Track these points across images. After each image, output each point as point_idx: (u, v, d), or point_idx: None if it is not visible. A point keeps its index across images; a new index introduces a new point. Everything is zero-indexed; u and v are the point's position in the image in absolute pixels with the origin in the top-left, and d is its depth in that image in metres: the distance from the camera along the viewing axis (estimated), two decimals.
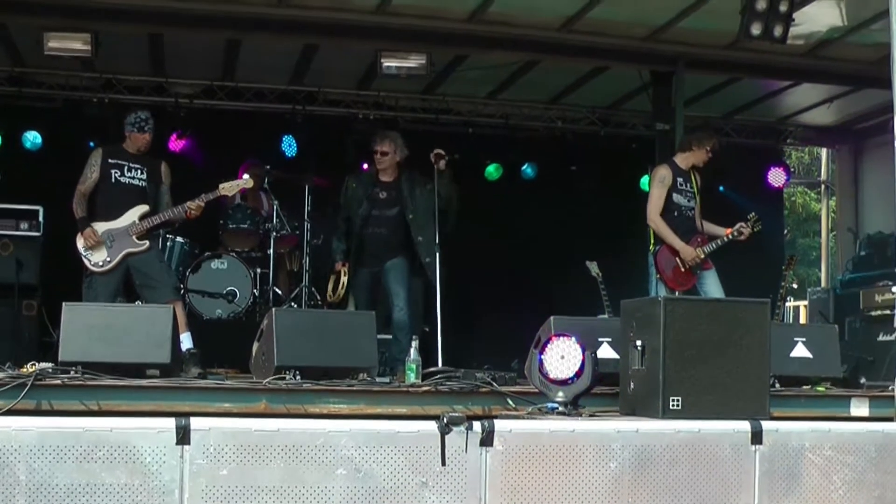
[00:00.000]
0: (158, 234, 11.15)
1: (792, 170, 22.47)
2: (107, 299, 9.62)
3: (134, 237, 9.68)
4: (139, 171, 9.85)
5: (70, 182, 10.23)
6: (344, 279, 10.15)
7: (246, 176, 10.05)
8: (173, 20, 10.98)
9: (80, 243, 9.75)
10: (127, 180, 9.86)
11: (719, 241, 10.25)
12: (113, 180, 9.82)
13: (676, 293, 10.10)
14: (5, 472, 5.19)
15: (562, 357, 6.88)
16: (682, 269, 10.20)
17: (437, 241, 9.99)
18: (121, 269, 9.70)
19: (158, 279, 9.77)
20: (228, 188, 9.90)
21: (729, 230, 10.29)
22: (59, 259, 11.53)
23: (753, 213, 10.33)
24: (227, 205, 12.53)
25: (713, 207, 10.96)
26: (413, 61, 11.64)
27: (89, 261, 9.69)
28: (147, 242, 9.74)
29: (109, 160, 9.86)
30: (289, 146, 13.75)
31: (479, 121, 14.56)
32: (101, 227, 9.67)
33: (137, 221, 9.70)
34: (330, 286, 10.33)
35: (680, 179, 10.34)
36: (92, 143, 11.85)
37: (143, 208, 9.74)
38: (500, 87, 13.84)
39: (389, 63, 11.61)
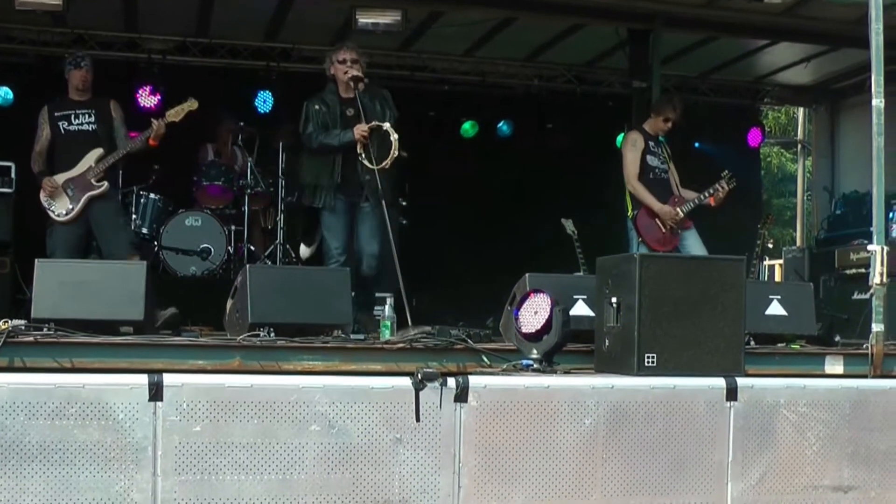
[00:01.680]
0: (131, 190, 11.10)
1: (768, 129, 22.50)
2: (70, 249, 9.71)
3: (93, 180, 9.71)
4: (87, 116, 9.89)
5: None
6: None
7: (191, 98, 9.91)
8: None
9: (42, 196, 9.84)
10: (76, 128, 9.91)
11: (696, 200, 10.28)
12: (62, 131, 9.90)
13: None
14: None
15: (535, 313, 6.89)
16: (663, 231, 10.24)
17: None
18: (84, 218, 9.75)
19: (113, 232, 9.84)
20: (174, 114, 9.81)
21: (706, 193, 10.31)
22: (32, 216, 11.42)
23: (727, 171, 10.36)
24: (201, 161, 12.48)
25: (690, 166, 10.98)
26: (388, 17, 11.55)
27: (53, 212, 9.78)
28: (105, 184, 9.74)
29: (56, 113, 9.95)
30: (263, 102, 13.65)
31: (454, 78, 14.48)
32: (60, 178, 9.79)
33: (94, 165, 9.74)
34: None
35: (651, 143, 10.42)
36: None
37: (98, 151, 9.78)
38: (477, 45, 13.75)
39: (364, 19, 11.52)
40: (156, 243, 11.74)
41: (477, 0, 11.56)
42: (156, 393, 5.38)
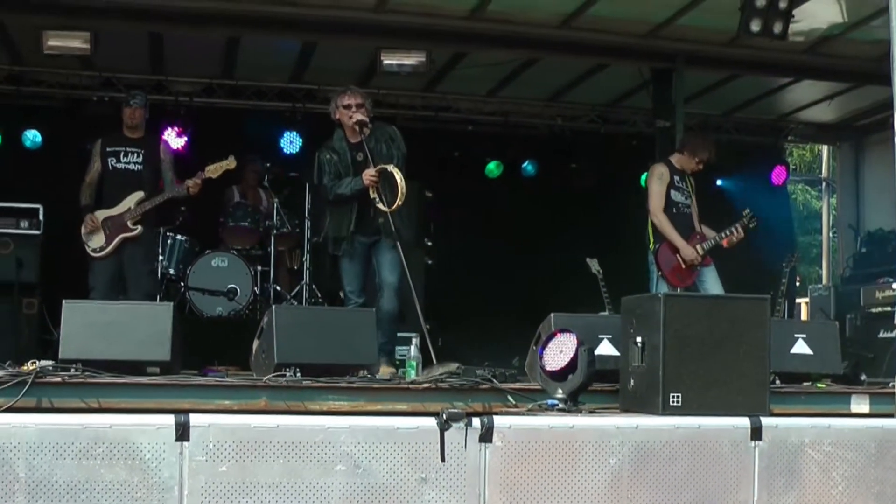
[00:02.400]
0: (159, 231, 11.17)
1: (793, 167, 22.47)
2: (105, 284, 10.03)
3: (129, 222, 9.95)
4: (135, 155, 10.16)
5: (70, 180, 10.34)
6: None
7: (230, 157, 10.07)
8: (173, 18, 10.98)
9: (82, 230, 10.13)
10: (123, 166, 10.18)
11: (715, 240, 10.31)
12: (111, 168, 10.17)
13: (678, 290, 10.15)
14: (5, 469, 5.20)
15: (560, 352, 6.90)
16: (683, 266, 10.24)
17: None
18: (117, 256, 9.95)
19: (136, 283, 10.06)
20: (213, 170, 10.02)
21: (723, 234, 10.33)
22: (60, 257, 11.59)
23: (748, 211, 10.37)
24: (228, 202, 12.56)
25: (712, 203, 11.00)
26: (413, 59, 11.62)
27: (88, 246, 10.09)
28: (140, 228, 9.97)
29: (107, 148, 10.23)
30: (290, 143, 13.74)
31: (479, 118, 14.55)
32: (101, 214, 10.08)
33: (133, 207, 9.95)
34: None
35: (677, 177, 10.43)
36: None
37: (139, 195, 10.05)
38: (500, 85, 13.82)
39: (389, 60, 11.60)
40: (182, 284, 11.80)
41: (500, 41, 11.60)
42: (182, 433, 5.39)
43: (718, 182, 14.56)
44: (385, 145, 9.26)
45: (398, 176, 8.91)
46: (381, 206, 9.00)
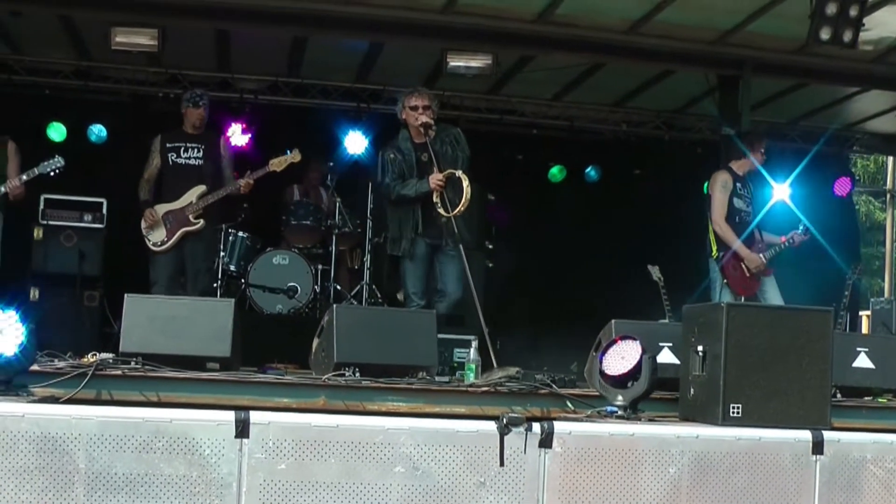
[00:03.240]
0: (220, 228, 11.21)
1: (857, 178, 22.26)
2: (167, 278, 10.13)
3: (191, 216, 10.03)
4: (196, 150, 10.27)
5: (134, 175, 10.42)
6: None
7: (295, 150, 10.11)
8: (240, 16, 11.01)
9: (142, 224, 10.22)
10: (184, 161, 10.29)
11: (777, 248, 10.27)
12: (171, 163, 10.27)
13: (742, 299, 10.09)
14: (65, 460, 5.25)
15: (622, 358, 6.86)
16: (747, 275, 10.20)
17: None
18: (179, 250, 10.03)
19: (191, 278, 10.06)
20: (277, 163, 10.09)
21: (784, 238, 10.34)
22: (122, 251, 11.69)
23: (802, 225, 10.36)
24: (290, 201, 12.61)
25: (774, 211, 10.93)
26: (479, 61, 11.60)
27: (149, 240, 10.17)
28: (202, 222, 10.04)
29: (167, 144, 10.35)
30: (353, 143, 13.75)
31: (543, 122, 14.52)
32: (162, 208, 10.18)
33: (195, 201, 10.03)
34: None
35: (739, 185, 10.41)
36: None
37: (201, 188, 10.16)
38: (566, 89, 13.79)
39: (455, 62, 11.58)
40: (243, 281, 11.85)
41: (566, 45, 11.54)
42: (242, 430, 5.41)
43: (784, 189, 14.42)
44: (450, 147, 9.29)
45: (465, 181, 8.95)
46: (442, 211, 9.04)
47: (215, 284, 11.44)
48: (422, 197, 9.18)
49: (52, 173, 9.82)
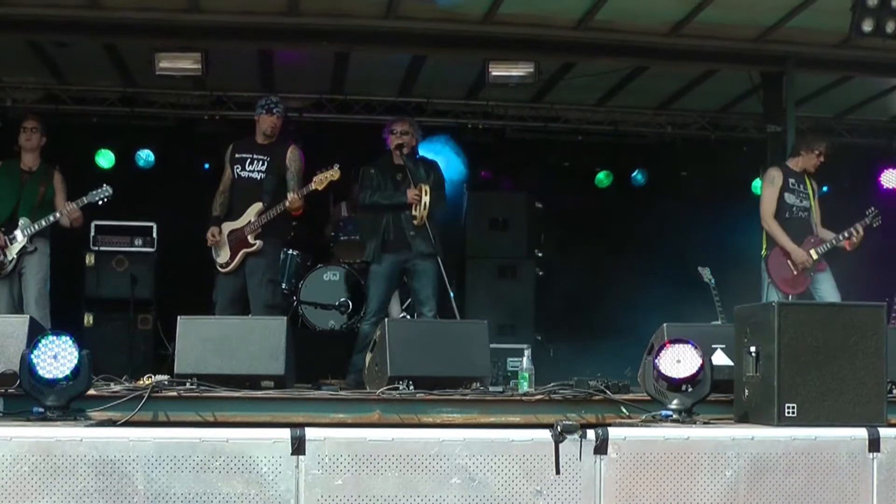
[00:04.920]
0: (280, 243, 11.03)
1: None
2: (227, 300, 9.97)
3: (249, 237, 9.87)
4: (260, 163, 10.03)
5: (182, 198, 10.49)
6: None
7: (335, 167, 10.08)
8: (282, 36, 11.10)
9: (208, 241, 10.12)
10: (247, 174, 10.08)
11: (833, 242, 10.17)
12: (237, 176, 10.09)
13: (789, 297, 10.02)
14: (124, 482, 5.29)
15: (678, 361, 6.84)
16: (794, 273, 10.13)
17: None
18: (241, 271, 9.89)
19: (255, 294, 9.95)
20: (319, 181, 9.92)
21: (847, 239, 10.20)
22: (173, 274, 11.81)
23: (872, 208, 10.25)
24: (339, 217, 12.65)
25: (826, 206, 10.85)
26: (521, 69, 11.62)
27: (217, 261, 10.01)
28: (259, 242, 9.86)
29: (236, 155, 10.16)
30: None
31: (588, 128, 14.49)
32: (227, 227, 10.02)
33: (253, 220, 9.86)
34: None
35: (792, 180, 10.34)
36: (207, 166, 12.22)
37: (258, 206, 9.89)
38: (609, 94, 13.77)
39: (497, 72, 11.60)
40: (294, 298, 11.91)
41: (608, 50, 11.53)
42: (298, 447, 5.44)
43: (824, 189, 14.30)
44: (424, 170, 10.13)
45: (426, 198, 9.87)
46: (415, 222, 9.93)
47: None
48: (394, 207, 10.01)
49: (100, 202, 9.90)
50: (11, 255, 9.68)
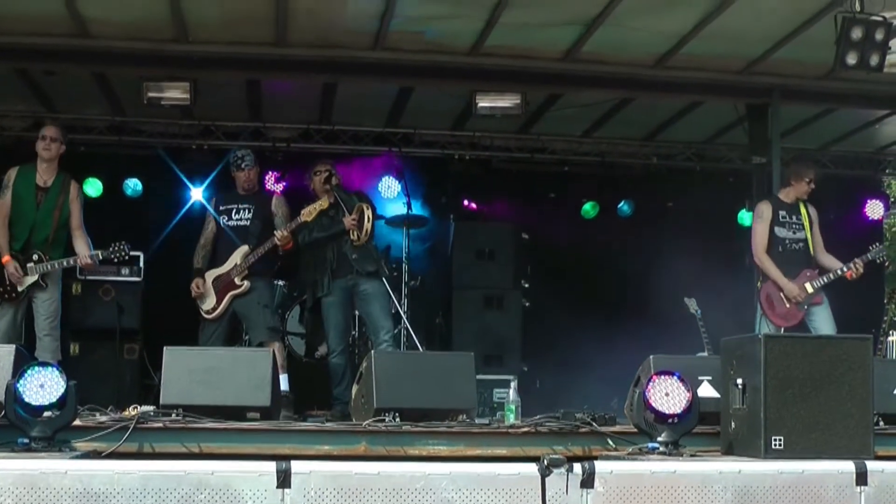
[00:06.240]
0: (271, 281, 11.09)
1: (892, 199, 22.11)
2: (212, 345, 9.97)
3: (236, 279, 10.00)
4: (246, 211, 10.27)
5: (171, 228, 10.48)
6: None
7: (324, 197, 10.17)
8: (270, 66, 11.12)
9: (192, 292, 10.22)
10: (234, 223, 10.32)
11: (831, 275, 10.19)
12: (223, 225, 10.29)
13: (782, 330, 10.03)
14: None
15: (666, 395, 6.85)
16: (787, 306, 10.14)
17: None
18: (228, 314, 10.01)
19: (254, 320, 10.03)
20: (307, 213, 10.06)
21: (847, 269, 10.21)
22: (160, 303, 11.79)
23: (878, 244, 10.31)
24: None
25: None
26: (508, 101, 11.64)
27: (202, 308, 10.11)
28: (247, 283, 10.01)
29: (220, 207, 10.41)
30: (387, 188, 13.81)
31: (574, 159, 14.49)
32: (211, 274, 10.15)
33: (239, 262, 9.98)
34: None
35: (783, 213, 10.36)
36: (190, 187, 12.21)
37: (244, 249, 10.07)
38: (595, 125, 13.80)
39: (484, 103, 11.62)
40: (280, 329, 11.89)
41: (594, 82, 11.57)
42: (284, 480, 5.42)
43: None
44: (356, 198, 10.44)
45: (368, 212, 10.24)
46: (353, 238, 10.19)
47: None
48: (334, 236, 10.24)
49: (115, 259, 9.94)
50: (23, 287, 9.63)
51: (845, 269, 10.19)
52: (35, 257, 9.62)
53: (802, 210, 10.52)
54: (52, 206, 9.81)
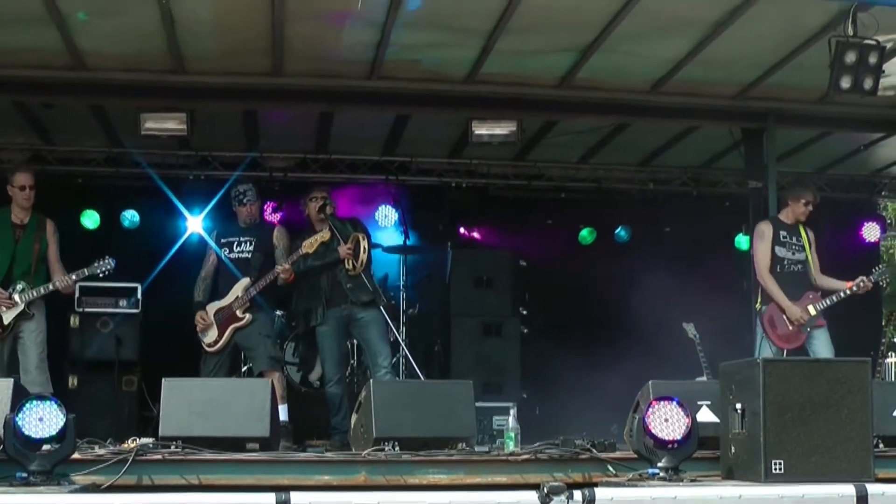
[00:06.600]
0: (273, 312, 11.10)
1: (889, 221, 22.12)
2: (214, 376, 10.01)
3: (237, 312, 10.03)
4: (247, 244, 10.32)
5: (168, 259, 10.49)
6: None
7: (325, 229, 10.19)
8: (266, 96, 11.14)
9: (196, 326, 10.26)
10: (236, 255, 10.36)
11: (834, 297, 10.21)
12: (224, 258, 10.32)
13: (784, 352, 10.03)
14: None
15: (665, 420, 6.84)
16: (790, 328, 10.14)
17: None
18: (230, 346, 10.03)
19: (256, 350, 10.07)
20: (308, 245, 10.10)
21: (850, 283, 10.24)
22: (158, 335, 11.79)
23: (880, 266, 10.31)
24: None
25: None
26: (504, 128, 11.63)
27: (203, 341, 10.12)
28: (248, 315, 10.05)
29: (222, 240, 10.46)
30: (384, 217, 13.82)
31: (571, 185, 14.52)
32: (213, 307, 10.14)
33: (240, 295, 10.00)
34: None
35: (783, 233, 10.38)
36: (187, 217, 12.21)
37: (245, 282, 10.10)
38: (591, 151, 13.82)
39: (480, 131, 11.62)
40: (282, 358, 11.88)
41: (590, 108, 11.59)
42: None
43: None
44: (350, 226, 10.52)
45: (364, 243, 10.32)
46: (349, 267, 10.27)
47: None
48: (328, 266, 10.33)
49: (101, 274, 9.93)
50: (9, 318, 9.63)
51: (853, 289, 10.19)
52: (20, 287, 9.64)
53: (802, 232, 10.54)
54: (31, 241, 9.89)
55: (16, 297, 9.61)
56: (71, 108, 11.82)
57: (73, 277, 9.85)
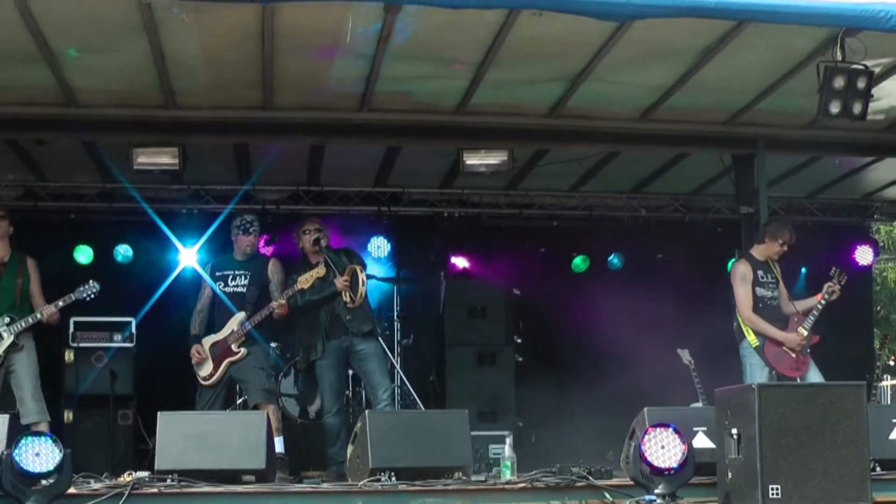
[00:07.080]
0: (268, 346, 11.07)
1: (881, 245, 22.16)
2: (215, 409, 9.97)
3: (233, 346, 10.04)
4: (242, 278, 10.32)
5: (161, 293, 10.48)
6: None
7: (320, 265, 10.20)
8: (258, 130, 11.15)
9: (192, 360, 10.25)
10: (231, 290, 10.35)
11: (815, 312, 10.26)
12: (219, 292, 10.31)
13: (797, 379, 10.05)
14: None
15: (662, 447, 6.86)
16: (793, 356, 10.17)
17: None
18: (225, 379, 10.04)
19: (251, 382, 10.08)
20: (304, 281, 10.11)
21: (819, 296, 10.32)
22: (153, 369, 11.79)
23: (835, 268, 10.36)
24: None
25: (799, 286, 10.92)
26: (495, 158, 11.64)
27: (198, 374, 10.12)
28: (243, 350, 10.03)
29: (216, 273, 10.44)
30: (377, 248, 13.84)
31: (563, 213, 14.54)
32: (208, 341, 10.14)
33: (235, 329, 9.99)
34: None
35: (760, 272, 10.45)
36: (180, 251, 12.22)
37: (240, 316, 10.08)
38: (583, 179, 13.85)
39: (471, 161, 11.62)
40: (277, 391, 11.87)
41: (581, 137, 11.61)
42: None
43: (803, 271, 14.34)
44: (345, 257, 10.52)
45: (361, 275, 10.33)
46: (347, 300, 10.28)
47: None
48: (327, 299, 10.34)
49: (87, 298, 9.94)
50: (1, 350, 9.65)
51: (826, 298, 10.27)
52: (6, 320, 9.67)
53: (773, 268, 10.59)
54: (13, 276, 9.96)
55: (2, 331, 9.63)
56: (63, 144, 11.83)
57: (60, 304, 9.88)
